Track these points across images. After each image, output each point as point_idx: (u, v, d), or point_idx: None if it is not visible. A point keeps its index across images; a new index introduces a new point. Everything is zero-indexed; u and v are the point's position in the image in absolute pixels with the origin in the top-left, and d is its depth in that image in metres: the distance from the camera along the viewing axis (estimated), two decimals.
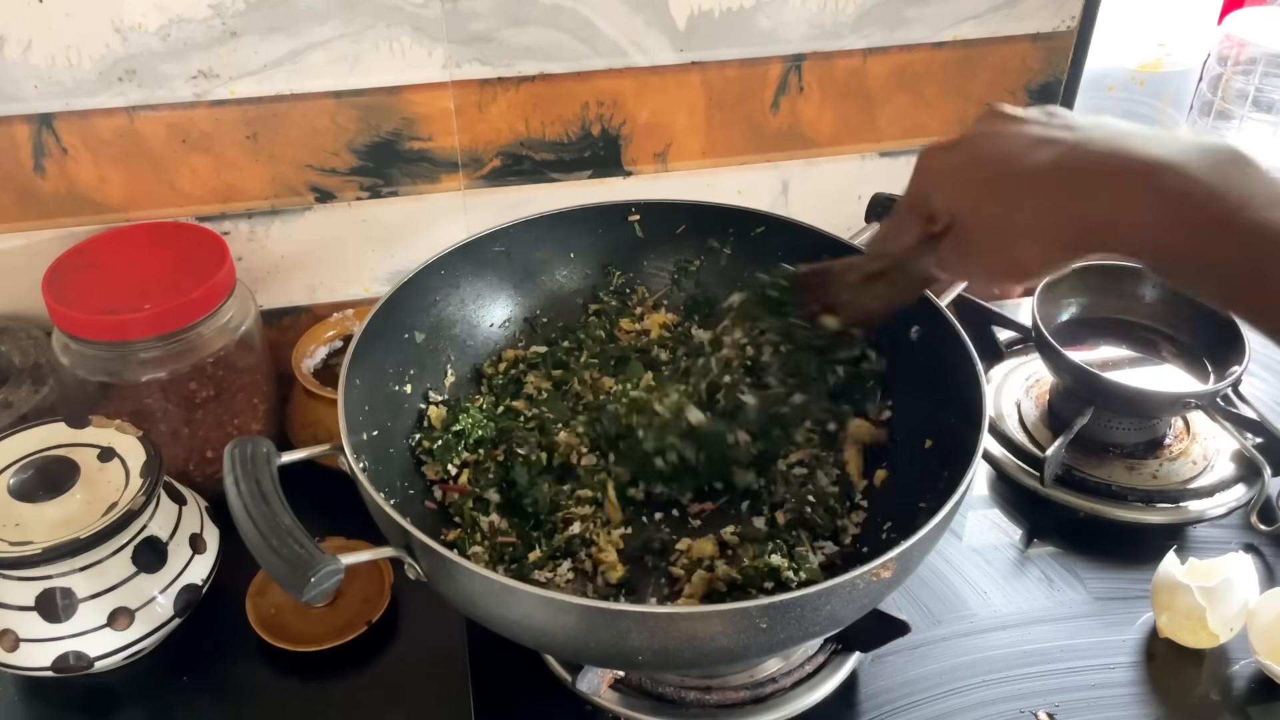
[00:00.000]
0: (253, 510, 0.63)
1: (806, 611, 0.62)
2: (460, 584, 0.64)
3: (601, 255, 0.96)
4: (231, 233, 0.98)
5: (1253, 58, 1.20)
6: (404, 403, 0.86)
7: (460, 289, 0.90)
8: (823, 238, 0.91)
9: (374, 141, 0.96)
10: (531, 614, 0.63)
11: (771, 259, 0.93)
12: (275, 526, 0.62)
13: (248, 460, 0.65)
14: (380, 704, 0.79)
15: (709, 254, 0.96)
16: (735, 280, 0.85)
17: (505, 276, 0.93)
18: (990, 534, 0.93)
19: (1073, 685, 0.80)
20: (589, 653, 0.69)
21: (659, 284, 0.98)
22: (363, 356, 0.78)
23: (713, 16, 0.96)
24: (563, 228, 0.93)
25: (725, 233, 0.95)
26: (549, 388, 0.90)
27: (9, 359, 0.93)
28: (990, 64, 1.06)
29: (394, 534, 0.66)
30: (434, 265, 0.87)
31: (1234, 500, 0.94)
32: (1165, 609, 0.82)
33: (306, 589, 0.59)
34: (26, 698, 0.80)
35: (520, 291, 0.94)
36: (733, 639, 0.62)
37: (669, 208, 0.95)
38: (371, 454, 0.78)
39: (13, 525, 0.74)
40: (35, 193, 0.92)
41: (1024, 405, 1.04)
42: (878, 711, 0.78)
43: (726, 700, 0.76)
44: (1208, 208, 0.49)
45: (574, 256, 0.95)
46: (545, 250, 0.94)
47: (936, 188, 0.62)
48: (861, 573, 0.61)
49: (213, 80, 0.90)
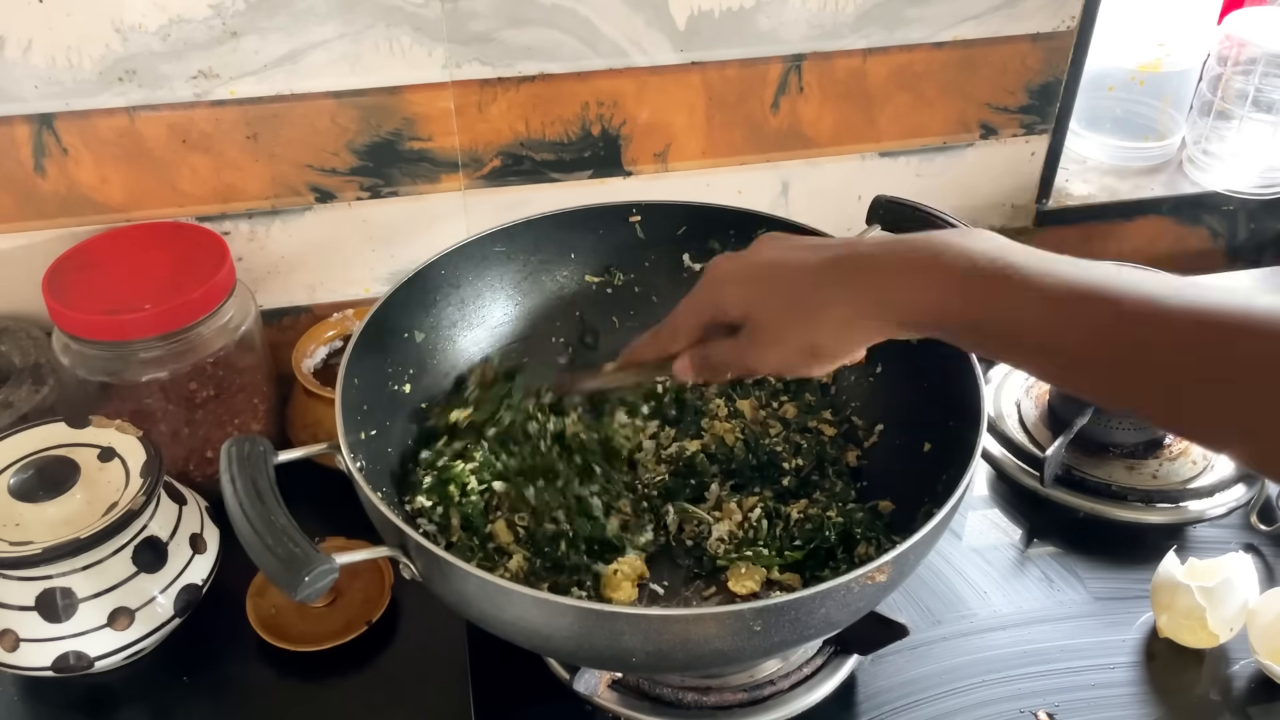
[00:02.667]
0: (248, 508, 0.63)
1: (801, 614, 0.61)
2: (455, 584, 0.64)
3: (603, 256, 0.95)
4: (231, 233, 0.98)
5: (1253, 58, 1.20)
6: (403, 403, 0.86)
7: (460, 289, 0.90)
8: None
9: (374, 141, 0.96)
10: (525, 615, 0.63)
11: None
12: (270, 525, 0.62)
13: (245, 458, 0.65)
14: (380, 704, 0.79)
15: (710, 255, 0.96)
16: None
17: (505, 277, 0.93)
18: (990, 534, 0.93)
19: (1073, 685, 0.80)
20: (583, 654, 0.69)
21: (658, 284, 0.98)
22: (362, 356, 0.78)
23: (713, 16, 0.96)
24: (564, 228, 0.93)
25: (726, 234, 0.95)
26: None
27: (9, 359, 0.93)
28: (990, 64, 1.06)
29: (389, 533, 0.66)
30: (434, 265, 0.87)
31: (1234, 500, 0.94)
32: (1165, 609, 0.82)
33: (300, 588, 0.59)
34: (26, 698, 0.80)
35: (520, 291, 0.94)
36: (727, 642, 0.62)
37: (670, 209, 0.95)
38: (368, 453, 0.78)
39: (13, 525, 0.74)
40: (35, 193, 0.92)
41: (1024, 405, 1.04)
42: (877, 712, 0.78)
43: (725, 701, 0.76)
44: (987, 275, 0.55)
45: (575, 257, 0.95)
46: (546, 251, 0.94)
47: (728, 286, 0.66)
48: (856, 575, 0.61)
49: (213, 80, 0.90)
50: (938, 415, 0.78)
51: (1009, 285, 0.54)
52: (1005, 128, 1.11)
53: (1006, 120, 1.11)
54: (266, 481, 0.64)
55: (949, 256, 0.57)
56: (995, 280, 0.55)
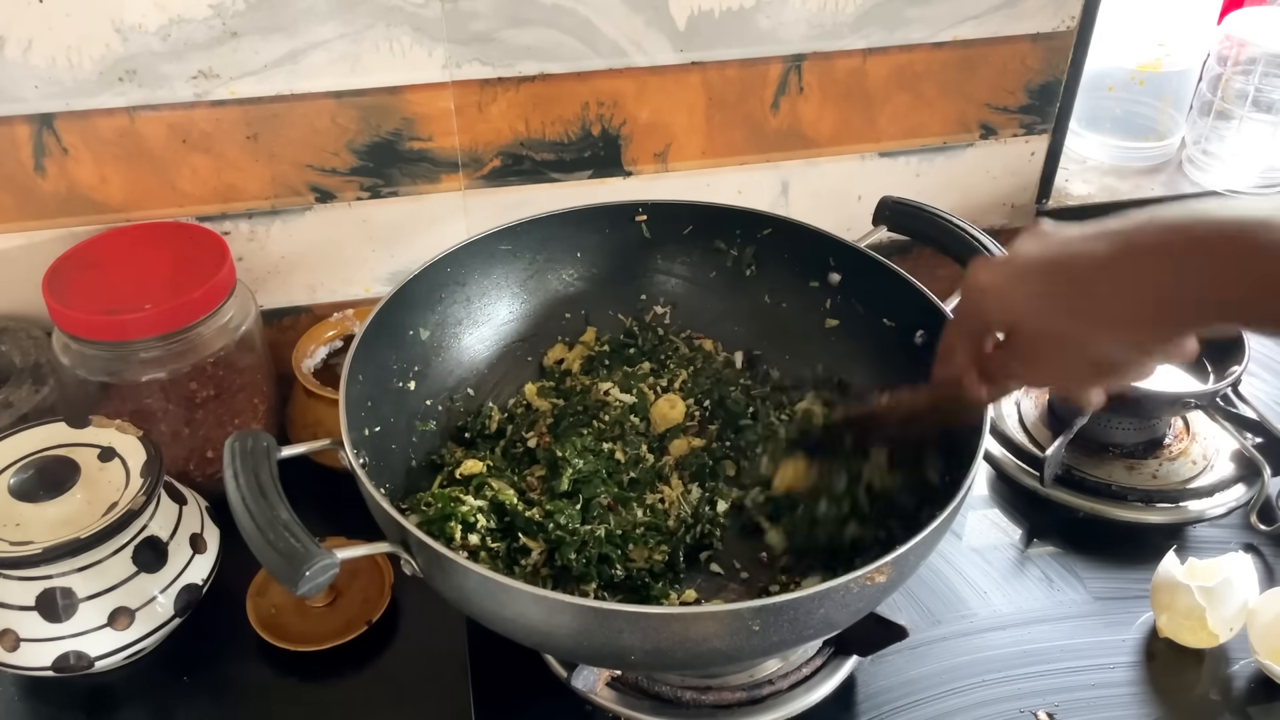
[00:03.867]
0: (250, 503, 0.63)
1: (800, 614, 0.61)
2: (455, 580, 0.64)
3: (608, 255, 0.96)
4: (232, 233, 0.98)
5: (1253, 58, 1.20)
6: (407, 400, 0.86)
7: (466, 286, 0.90)
8: (829, 240, 0.91)
9: (374, 141, 0.96)
10: (526, 612, 0.63)
11: (779, 261, 0.94)
12: (272, 520, 0.62)
13: (248, 453, 0.65)
14: (380, 704, 0.79)
15: (715, 255, 0.96)
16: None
17: (511, 275, 0.93)
18: (990, 534, 0.93)
19: (1073, 685, 0.80)
20: (582, 651, 0.69)
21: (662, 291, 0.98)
22: (367, 352, 0.78)
23: (713, 16, 0.96)
24: (570, 227, 0.93)
25: (732, 234, 0.95)
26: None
27: (9, 359, 0.93)
28: (990, 64, 1.06)
29: (390, 529, 0.66)
30: (440, 263, 0.87)
31: (1234, 500, 0.94)
32: (1165, 609, 0.82)
33: (301, 582, 0.59)
34: (27, 697, 0.80)
35: (526, 290, 0.94)
36: (726, 640, 0.62)
37: (676, 208, 0.95)
38: (372, 450, 0.78)
39: (13, 525, 0.74)
40: (35, 193, 0.92)
41: (1024, 405, 1.04)
42: (877, 712, 0.78)
43: (724, 700, 0.76)
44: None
45: (580, 256, 0.95)
46: (551, 249, 0.94)
47: (991, 298, 0.58)
48: (856, 576, 0.61)
49: (213, 80, 0.90)
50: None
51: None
52: (1005, 128, 1.11)
53: (1006, 120, 1.11)
54: (269, 477, 0.65)
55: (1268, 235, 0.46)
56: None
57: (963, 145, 1.12)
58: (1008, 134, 1.12)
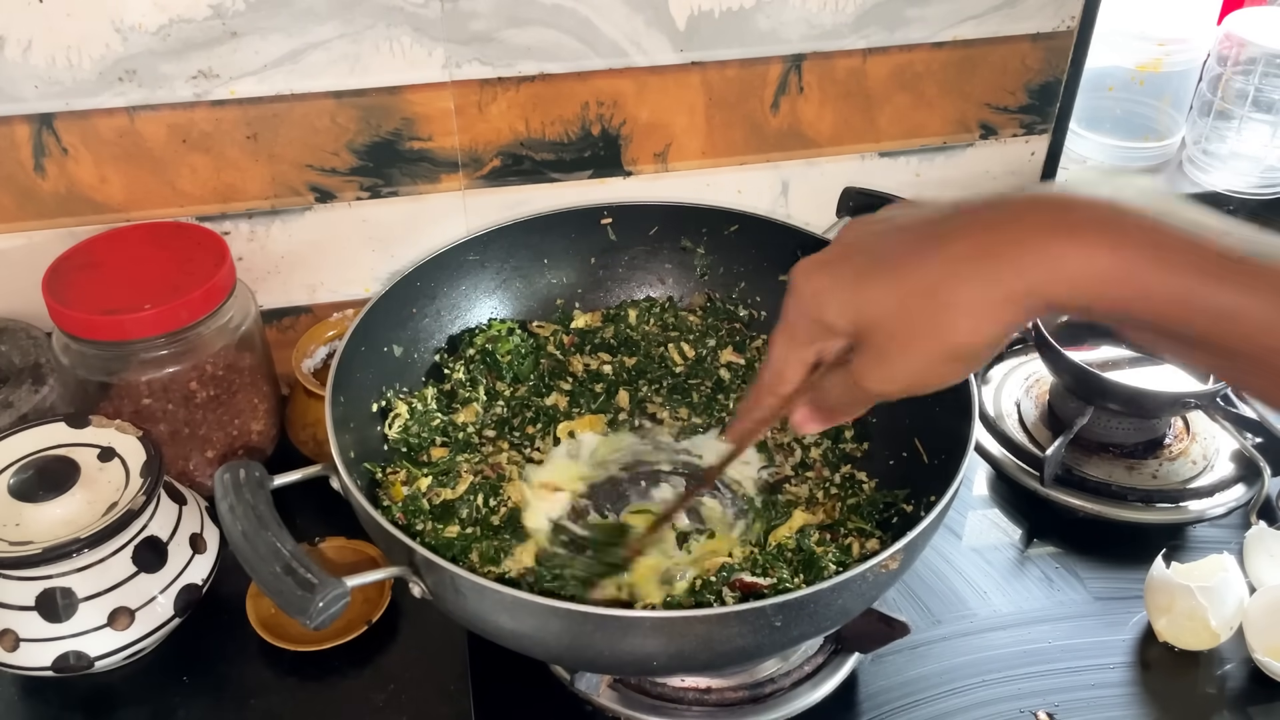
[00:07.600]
0: (253, 537, 0.62)
1: (820, 607, 0.62)
2: (469, 600, 0.63)
3: (576, 260, 0.97)
4: (232, 233, 0.98)
5: (1253, 58, 1.20)
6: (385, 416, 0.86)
7: (436, 300, 0.91)
8: (798, 235, 0.92)
9: (374, 141, 0.96)
10: (547, 626, 0.62)
11: (745, 257, 0.96)
12: (277, 553, 0.61)
13: (240, 485, 0.65)
14: (380, 704, 0.79)
15: (681, 254, 0.97)
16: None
17: (480, 285, 0.94)
18: (990, 534, 0.93)
19: (1072, 685, 0.80)
20: (603, 662, 0.68)
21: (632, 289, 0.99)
22: (346, 374, 0.79)
23: (713, 16, 0.96)
24: (536, 234, 0.94)
25: (698, 232, 0.95)
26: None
27: (9, 359, 0.93)
28: (990, 64, 1.06)
29: (397, 551, 0.65)
30: (409, 277, 0.88)
31: (1234, 500, 0.94)
32: (1164, 612, 0.82)
33: (315, 614, 0.59)
34: (26, 698, 0.80)
35: (497, 299, 0.95)
36: (748, 638, 0.63)
37: (642, 210, 0.96)
38: (359, 471, 0.78)
39: (13, 525, 0.74)
40: (35, 193, 0.92)
41: (1024, 405, 1.04)
42: (877, 711, 0.78)
43: (725, 700, 0.76)
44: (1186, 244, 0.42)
45: (548, 262, 0.96)
46: (519, 257, 0.95)
47: (825, 299, 0.51)
48: (871, 565, 0.62)
49: (213, 80, 0.90)
50: (929, 412, 0.78)
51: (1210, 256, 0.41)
52: (1005, 128, 1.11)
53: (1006, 120, 1.11)
54: (266, 508, 0.64)
55: (1103, 212, 0.44)
56: (1184, 249, 0.42)
57: (963, 145, 1.12)
58: (1008, 134, 1.12)
